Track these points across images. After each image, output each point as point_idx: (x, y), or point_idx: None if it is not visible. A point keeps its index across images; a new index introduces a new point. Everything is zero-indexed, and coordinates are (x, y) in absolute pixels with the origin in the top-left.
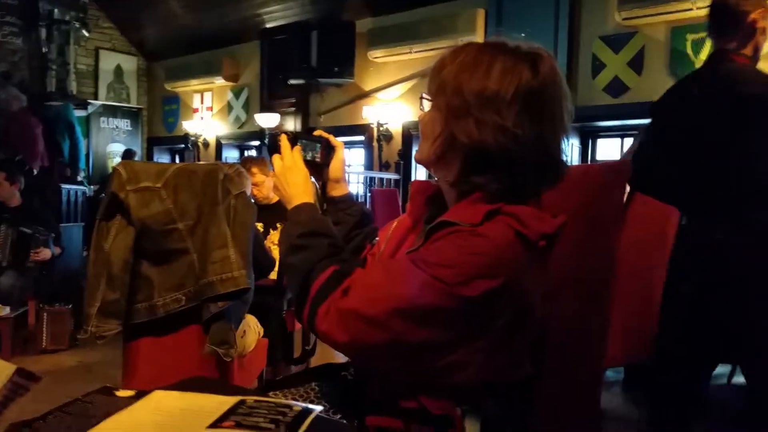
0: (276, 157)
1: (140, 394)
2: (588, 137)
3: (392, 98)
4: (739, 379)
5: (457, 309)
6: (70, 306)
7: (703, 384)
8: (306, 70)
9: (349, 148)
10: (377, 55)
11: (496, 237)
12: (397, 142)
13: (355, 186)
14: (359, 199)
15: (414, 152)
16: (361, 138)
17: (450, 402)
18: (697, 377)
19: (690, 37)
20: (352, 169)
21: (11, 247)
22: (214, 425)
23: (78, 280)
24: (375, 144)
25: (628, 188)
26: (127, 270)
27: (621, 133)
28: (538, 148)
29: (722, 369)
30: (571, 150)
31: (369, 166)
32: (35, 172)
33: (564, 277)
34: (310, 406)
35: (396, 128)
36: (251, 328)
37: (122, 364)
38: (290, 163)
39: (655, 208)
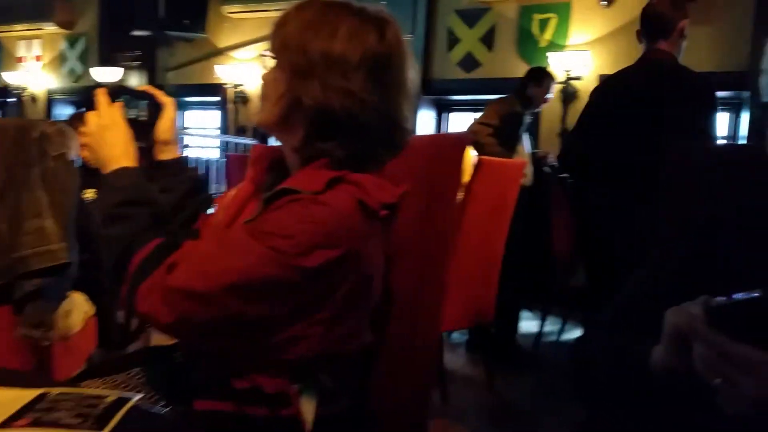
0: (91, 114)
1: None
2: (443, 110)
3: (250, 58)
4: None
5: (296, 281)
6: None
7: None
8: (152, 20)
9: (201, 109)
10: (233, 10)
11: (338, 206)
12: (255, 105)
13: (210, 151)
14: (214, 166)
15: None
16: (216, 99)
17: (285, 379)
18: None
19: (537, 17)
20: (206, 132)
21: None
22: (4, 424)
23: None
24: (231, 106)
25: (474, 160)
26: None
27: (473, 107)
28: (384, 115)
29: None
30: (425, 122)
31: (225, 130)
32: None
33: (403, 244)
34: (127, 395)
35: (253, 90)
36: (77, 307)
37: None
38: (108, 120)
39: (497, 181)
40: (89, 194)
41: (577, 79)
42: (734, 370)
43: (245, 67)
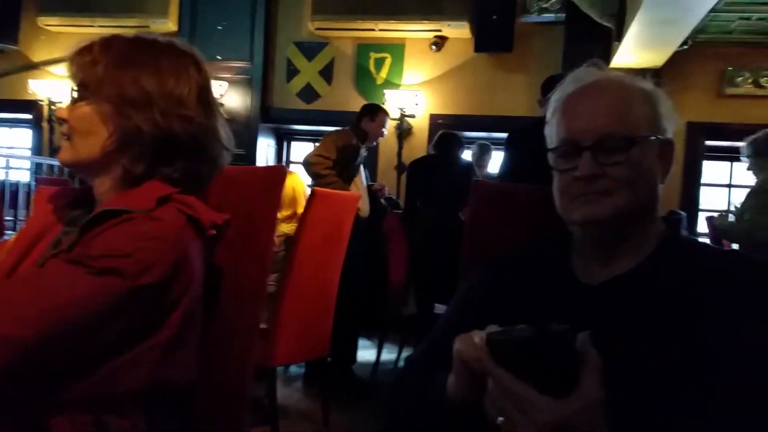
0: None
1: None
2: (283, 139)
3: (66, 75)
4: None
5: (135, 300)
6: None
7: None
8: None
9: (10, 126)
10: (50, 23)
11: (171, 220)
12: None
13: (19, 173)
14: (23, 189)
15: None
16: (28, 117)
17: (100, 416)
18: None
19: (373, 55)
20: (17, 153)
21: None
22: None
23: None
24: (45, 125)
25: (308, 192)
26: None
27: (313, 137)
28: (216, 137)
29: None
30: (266, 150)
31: (38, 151)
32: None
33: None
34: None
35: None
36: None
37: None
38: None
39: (331, 211)
40: None
41: (411, 116)
42: (515, 408)
43: (63, 84)
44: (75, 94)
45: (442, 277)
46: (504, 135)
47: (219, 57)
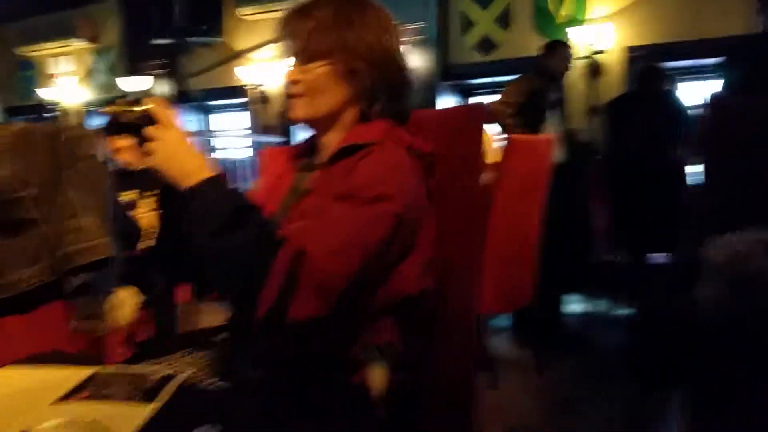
0: (156, 129)
1: None
2: (463, 96)
3: (267, 58)
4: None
5: (403, 223)
6: None
7: None
8: (170, 28)
9: (228, 111)
10: (247, 12)
11: (402, 152)
12: (276, 104)
13: (239, 151)
14: (243, 165)
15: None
16: (241, 101)
17: (354, 345)
18: None
19: None
20: (235, 134)
21: None
22: (62, 399)
23: None
24: (254, 107)
25: (496, 140)
26: None
27: (494, 90)
28: (412, 79)
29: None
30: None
31: (254, 130)
32: None
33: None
34: (173, 372)
35: (273, 89)
36: (126, 300)
37: None
38: (177, 133)
39: (527, 159)
40: (129, 196)
41: (600, 53)
42: None
43: (263, 68)
44: (300, 56)
45: (652, 225)
46: (713, 61)
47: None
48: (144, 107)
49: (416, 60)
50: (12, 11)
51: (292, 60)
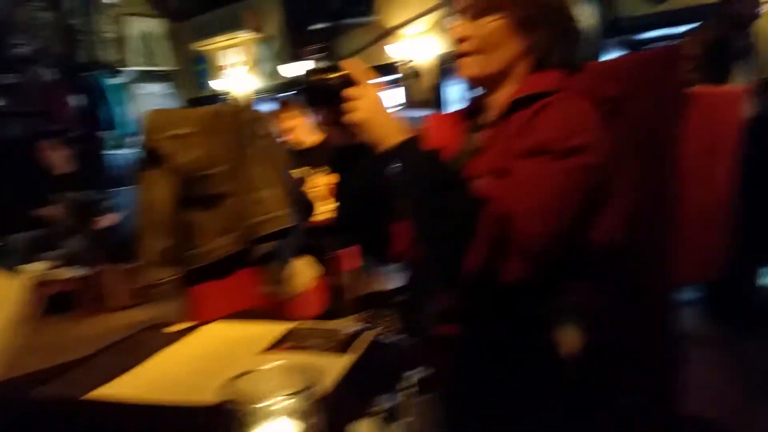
0: (356, 91)
1: (191, 328)
2: (633, 50)
3: (418, 33)
4: None
5: (598, 173)
6: (135, 263)
7: None
8: (326, 12)
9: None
10: None
11: (581, 98)
12: (428, 78)
13: None
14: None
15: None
16: (393, 77)
17: (549, 304)
18: None
19: None
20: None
21: (72, 212)
22: (268, 349)
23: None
24: (406, 82)
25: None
26: (173, 218)
27: (666, 43)
28: (580, 27)
29: None
30: None
31: (408, 106)
32: (79, 140)
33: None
34: (363, 327)
35: (424, 63)
36: (305, 268)
37: (183, 312)
38: (374, 94)
39: (714, 114)
40: (300, 172)
41: None
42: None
43: (414, 43)
44: (469, 12)
45: None
46: None
47: None
48: (342, 72)
49: (581, 14)
50: (186, 10)
51: (458, 17)
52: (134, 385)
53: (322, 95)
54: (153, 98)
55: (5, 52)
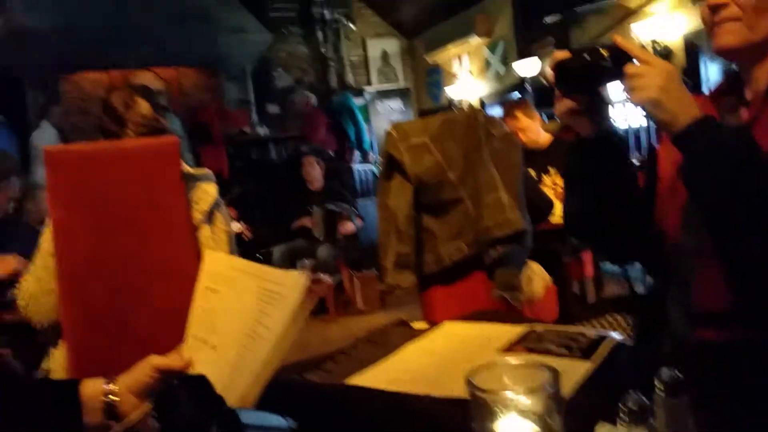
0: (642, 67)
1: (433, 326)
2: None
3: (663, 10)
4: None
5: None
6: (376, 271)
7: None
8: (560, 3)
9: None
10: None
11: None
12: (677, 58)
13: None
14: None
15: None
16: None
17: None
18: None
19: None
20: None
21: (322, 223)
22: (504, 350)
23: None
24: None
25: None
26: (411, 224)
27: None
28: None
29: None
30: None
31: None
32: (331, 157)
33: None
34: (608, 332)
35: (673, 43)
36: (536, 275)
37: (421, 315)
38: (664, 65)
39: None
40: (532, 173)
41: None
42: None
43: (660, 20)
44: None
45: None
46: None
47: None
48: (607, 47)
49: None
50: (420, 25)
51: None
52: (382, 375)
53: (583, 81)
54: (392, 114)
55: (269, 85)
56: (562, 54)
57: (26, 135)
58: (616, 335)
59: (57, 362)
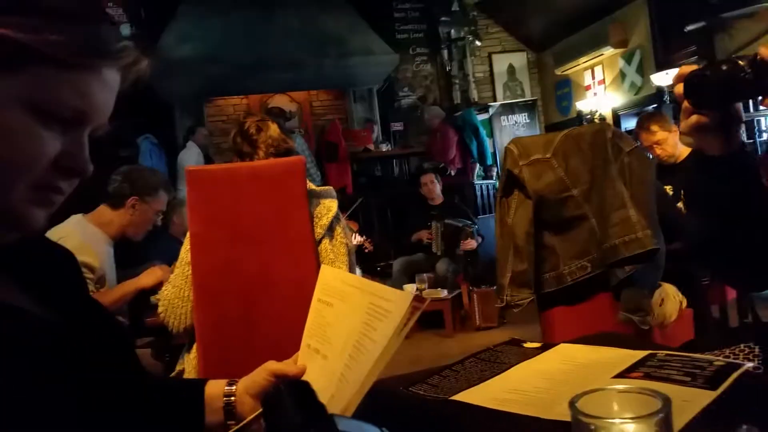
0: None
1: (546, 346)
2: None
3: None
4: None
5: None
6: (495, 286)
7: None
8: (704, 10)
9: None
10: None
11: None
12: None
13: None
14: None
15: None
16: None
17: None
18: None
19: None
20: None
21: (441, 237)
22: (619, 375)
23: None
24: None
25: None
26: (530, 241)
27: None
28: None
29: None
30: None
31: None
32: (452, 173)
33: None
34: (737, 362)
35: None
36: (670, 297)
37: (541, 335)
38: None
39: None
40: (670, 189)
41: None
42: None
43: None
44: None
45: None
46: None
47: None
48: (748, 59)
49: None
50: (550, 38)
51: None
52: (489, 393)
53: (718, 94)
54: (517, 128)
55: (394, 104)
56: (689, 68)
57: (175, 154)
58: (748, 364)
59: (190, 364)
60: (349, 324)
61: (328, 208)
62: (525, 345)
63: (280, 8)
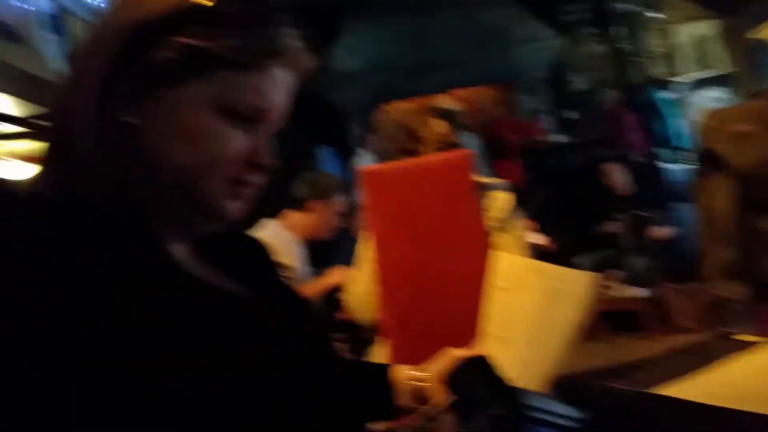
0: None
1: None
2: None
3: None
4: None
5: None
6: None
7: None
8: None
9: None
10: None
11: None
12: None
13: None
14: None
15: None
16: None
17: None
18: None
19: None
20: None
21: (631, 230)
22: None
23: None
24: None
25: None
26: (737, 226)
27: None
28: None
29: None
30: None
31: None
32: (638, 160)
33: None
34: None
35: None
36: None
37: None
38: None
39: None
40: None
41: None
42: None
43: None
44: None
45: None
46: None
47: None
48: None
49: None
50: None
51: None
52: (697, 388)
53: None
54: (710, 104)
55: (564, 91)
56: None
57: (349, 161)
58: None
59: (378, 357)
60: (528, 308)
61: (498, 199)
62: (740, 338)
63: (440, 9)
